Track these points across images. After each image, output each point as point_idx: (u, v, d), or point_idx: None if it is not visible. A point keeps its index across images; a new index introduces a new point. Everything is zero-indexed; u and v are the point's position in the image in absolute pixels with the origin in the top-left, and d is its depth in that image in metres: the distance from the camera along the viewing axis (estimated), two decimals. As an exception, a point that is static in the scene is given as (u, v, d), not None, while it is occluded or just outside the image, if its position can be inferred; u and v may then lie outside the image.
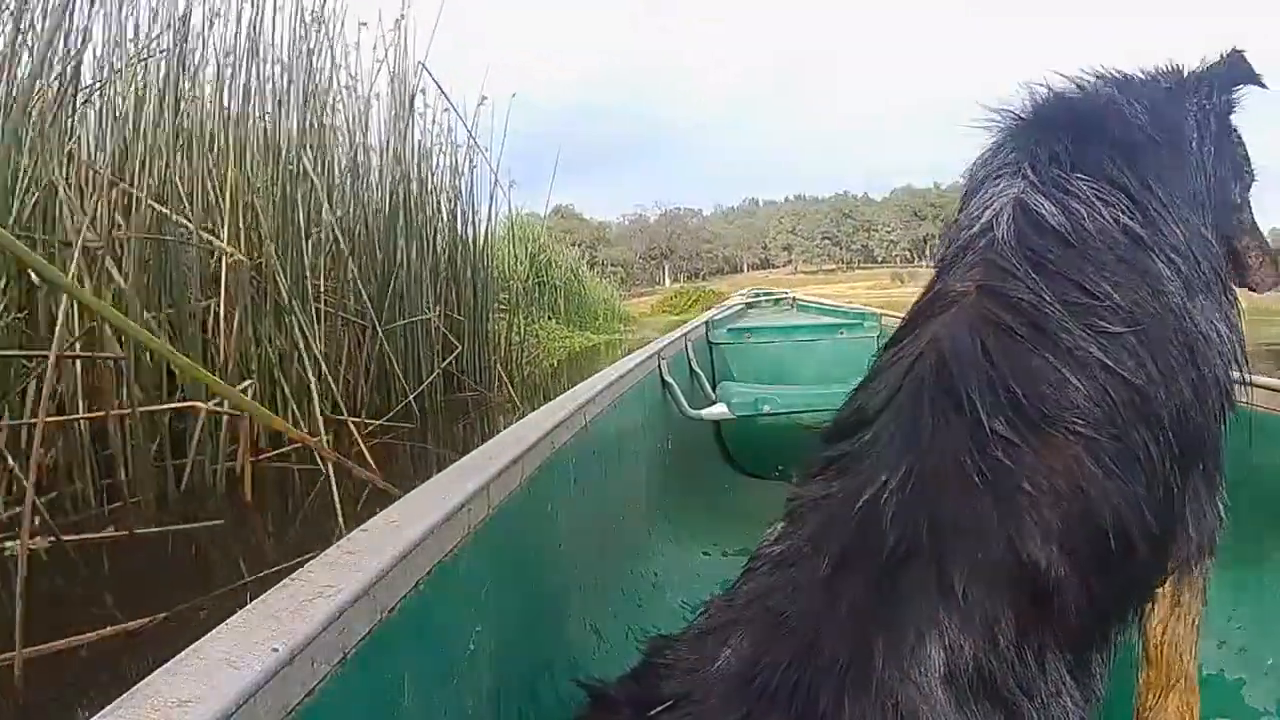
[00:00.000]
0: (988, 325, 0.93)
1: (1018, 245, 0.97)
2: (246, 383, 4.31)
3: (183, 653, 0.62)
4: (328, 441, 4.27)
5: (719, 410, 2.58)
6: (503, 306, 10.55)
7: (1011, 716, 0.81)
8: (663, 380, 2.45)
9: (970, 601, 0.81)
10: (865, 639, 0.80)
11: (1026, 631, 0.83)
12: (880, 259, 63.35)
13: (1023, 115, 1.14)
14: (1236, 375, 1.04)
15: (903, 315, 1.11)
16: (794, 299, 5.62)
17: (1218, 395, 0.99)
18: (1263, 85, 1.18)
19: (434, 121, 8.15)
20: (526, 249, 13.27)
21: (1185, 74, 1.18)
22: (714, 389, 2.92)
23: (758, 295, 5.87)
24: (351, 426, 4.56)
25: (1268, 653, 1.49)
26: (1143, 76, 1.17)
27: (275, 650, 0.63)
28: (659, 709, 0.86)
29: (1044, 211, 0.99)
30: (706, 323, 3.74)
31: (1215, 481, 1.04)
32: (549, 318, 14.19)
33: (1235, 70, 1.17)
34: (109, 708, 0.56)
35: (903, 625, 0.81)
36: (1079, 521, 0.86)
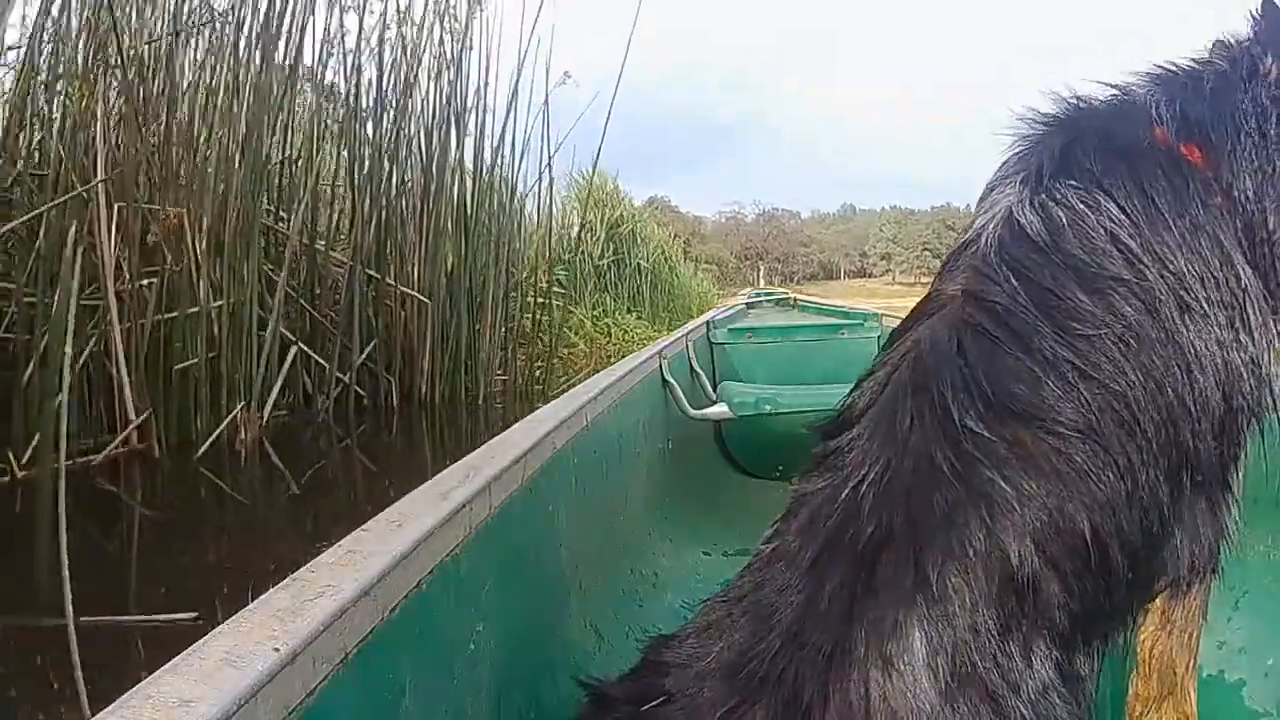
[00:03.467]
0: (965, 326, 0.96)
1: (998, 252, 1.00)
2: None
3: (184, 652, 0.62)
4: None
5: (720, 410, 2.57)
6: (559, 289, 8.15)
7: (997, 708, 0.82)
8: (663, 380, 2.45)
9: (948, 591, 0.83)
10: (847, 629, 0.83)
11: (1009, 625, 0.84)
12: None
13: (1039, 122, 1.14)
14: (1254, 389, 1.00)
15: (901, 316, 1.12)
16: (795, 299, 5.62)
17: (1221, 412, 0.97)
18: None
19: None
20: (602, 215, 10.91)
21: (1240, 50, 1.12)
22: (715, 389, 2.91)
23: (759, 295, 5.87)
24: None
25: (1268, 653, 1.49)
26: (1197, 68, 1.13)
27: (276, 650, 0.63)
28: (653, 704, 0.87)
29: (1025, 220, 1.01)
30: (708, 322, 3.74)
31: (1218, 500, 1.02)
32: (628, 310, 11.34)
33: (1274, 25, 1.10)
34: (109, 708, 0.56)
35: (883, 615, 0.82)
36: (1053, 520, 0.87)
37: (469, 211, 6.18)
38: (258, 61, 4.82)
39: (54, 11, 4.15)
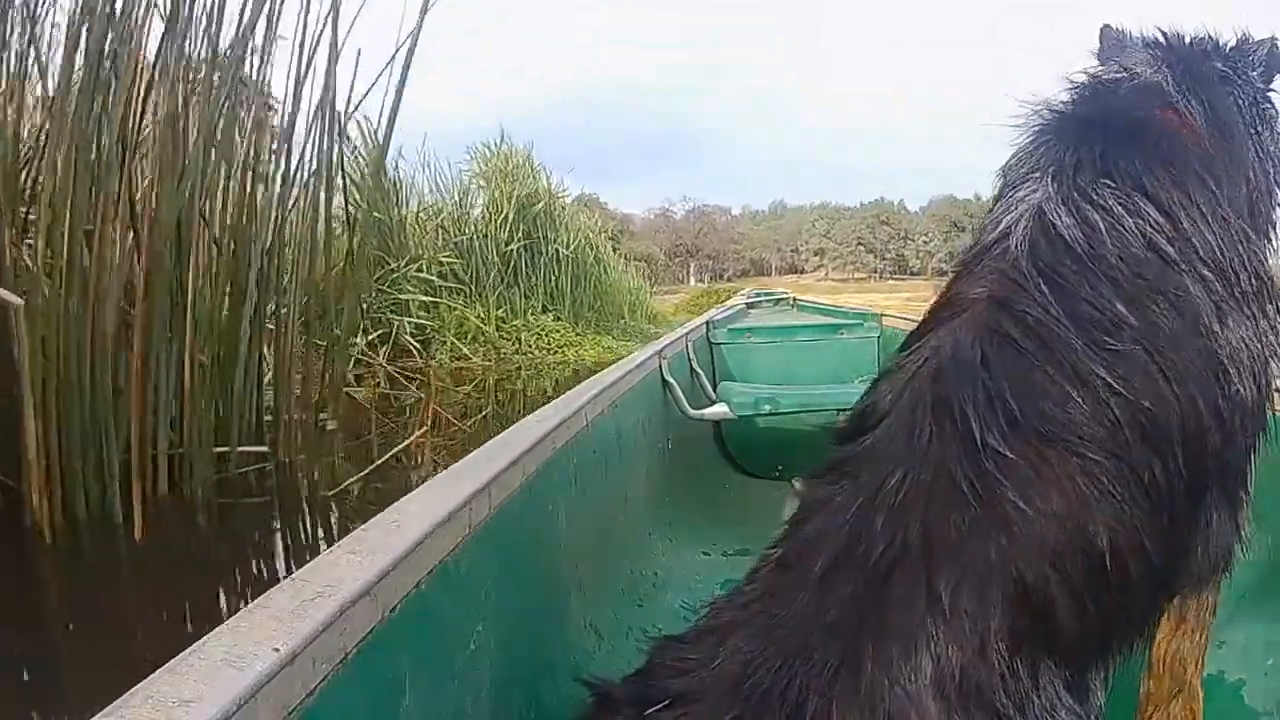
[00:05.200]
0: (991, 336, 0.91)
1: (1030, 257, 0.95)
2: None
3: (184, 652, 0.63)
4: None
5: (719, 410, 2.57)
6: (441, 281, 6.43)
7: None
8: (663, 380, 2.45)
9: (959, 612, 0.81)
10: (855, 644, 0.81)
11: (1019, 645, 0.82)
12: (916, 269, 61.19)
13: (1060, 112, 1.09)
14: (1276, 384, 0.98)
15: (902, 316, 1.11)
16: (794, 299, 5.62)
17: (1244, 417, 0.95)
18: None
19: None
20: (509, 191, 9.04)
21: (1229, 49, 1.12)
22: (714, 389, 2.91)
23: (758, 295, 5.86)
24: None
25: (1268, 653, 1.49)
26: (1196, 52, 1.11)
27: (276, 650, 0.63)
28: (654, 709, 0.86)
29: (1060, 223, 0.96)
30: (707, 322, 3.73)
31: (1237, 501, 1.00)
32: (543, 308, 9.22)
33: (1113, 45, 1.15)
34: (110, 707, 0.56)
35: (891, 632, 0.81)
36: (1072, 541, 0.84)
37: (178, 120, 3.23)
38: None
39: None
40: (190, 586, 2.82)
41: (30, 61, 3.76)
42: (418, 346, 6.96)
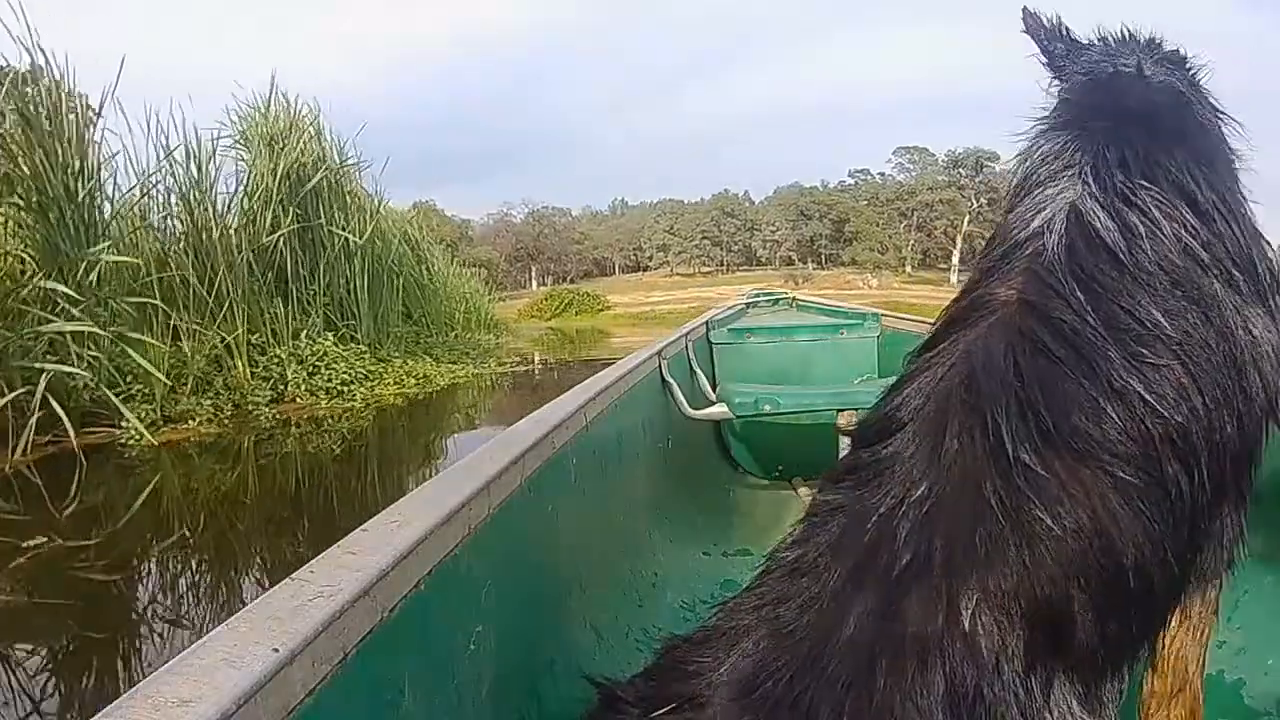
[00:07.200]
0: (1024, 342, 0.89)
1: (1067, 259, 0.92)
2: None
3: (183, 652, 0.63)
4: None
5: (719, 410, 2.57)
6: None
7: None
8: (663, 380, 2.46)
9: (977, 630, 0.80)
10: (869, 658, 0.79)
11: (1035, 662, 0.81)
12: (764, 259, 60.22)
13: (1083, 106, 1.07)
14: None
15: (902, 316, 1.10)
16: (794, 299, 5.62)
17: (1261, 420, 0.94)
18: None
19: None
20: (274, 164, 6.38)
21: (1175, 54, 1.13)
22: (714, 389, 2.92)
23: (758, 295, 5.86)
24: None
25: (1268, 653, 1.49)
26: (1174, 55, 1.11)
27: (275, 650, 0.63)
28: (662, 711, 0.86)
29: (1099, 225, 0.93)
30: (707, 323, 3.73)
31: (1241, 501, 0.99)
32: (327, 326, 6.53)
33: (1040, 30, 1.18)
34: (109, 707, 0.56)
35: (908, 649, 0.79)
36: (1098, 558, 0.83)
37: None
38: None
39: None
40: None
41: None
42: (62, 413, 3.94)
